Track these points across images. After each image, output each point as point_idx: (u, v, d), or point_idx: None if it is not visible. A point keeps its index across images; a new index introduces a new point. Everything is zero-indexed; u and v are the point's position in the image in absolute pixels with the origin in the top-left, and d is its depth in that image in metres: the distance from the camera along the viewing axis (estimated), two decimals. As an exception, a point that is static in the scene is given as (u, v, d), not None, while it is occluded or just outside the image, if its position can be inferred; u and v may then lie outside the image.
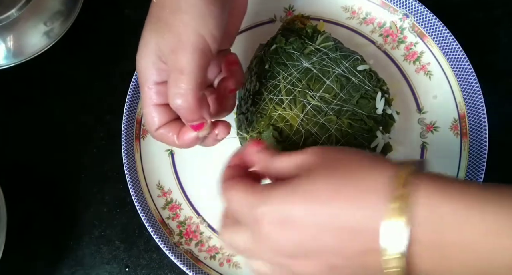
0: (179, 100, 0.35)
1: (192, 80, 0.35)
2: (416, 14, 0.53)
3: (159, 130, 0.40)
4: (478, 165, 0.49)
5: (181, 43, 0.35)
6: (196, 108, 0.36)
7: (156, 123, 0.39)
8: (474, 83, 0.51)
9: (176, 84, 0.35)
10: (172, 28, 0.35)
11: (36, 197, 0.54)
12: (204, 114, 0.37)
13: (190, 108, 0.36)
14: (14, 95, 0.57)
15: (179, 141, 0.40)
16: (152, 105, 0.39)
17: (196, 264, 0.50)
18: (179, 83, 0.35)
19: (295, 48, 0.48)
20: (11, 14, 0.53)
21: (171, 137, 0.40)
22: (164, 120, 0.39)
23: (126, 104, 0.52)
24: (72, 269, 0.52)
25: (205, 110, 0.37)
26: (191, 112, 0.36)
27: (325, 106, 0.45)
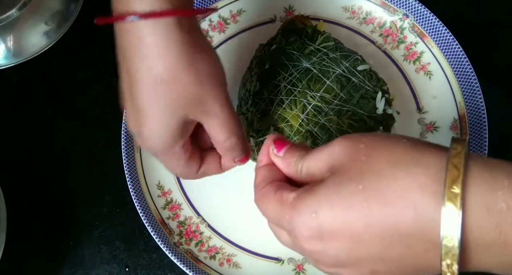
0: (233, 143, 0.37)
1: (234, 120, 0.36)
2: (416, 14, 0.53)
3: (199, 172, 0.40)
4: None
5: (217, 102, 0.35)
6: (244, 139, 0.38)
7: (196, 170, 0.40)
8: (474, 83, 0.51)
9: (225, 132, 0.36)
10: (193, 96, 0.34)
11: (36, 197, 0.54)
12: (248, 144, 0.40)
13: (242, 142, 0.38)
14: (14, 95, 0.57)
15: (224, 169, 0.41)
16: (184, 163, 0.38)
17: (196, 264, 0.50)
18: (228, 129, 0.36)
19: (295, 48, 0.48)
20: (11, 14, 0.53)
21: (214, 169, 0.41)
22: (199, 163, 0.40)
23: (126, 104, 0.52)
24: (72, 269, 0.52)
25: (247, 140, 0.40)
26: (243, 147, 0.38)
27: (325, 106, 0.45)
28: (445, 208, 0.24)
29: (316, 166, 0.29)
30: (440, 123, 0.53)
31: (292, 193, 0.29)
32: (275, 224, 0.31)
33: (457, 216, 0.23)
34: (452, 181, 0.24)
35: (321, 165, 0.29)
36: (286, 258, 0.50)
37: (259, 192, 0.31)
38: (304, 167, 0.30)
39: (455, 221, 0.24)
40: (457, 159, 0.25)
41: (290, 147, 0.32)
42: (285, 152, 0.32)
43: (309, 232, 0.27)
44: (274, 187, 0.30)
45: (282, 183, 0.31)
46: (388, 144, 0.27)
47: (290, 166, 0.31)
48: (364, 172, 0.26)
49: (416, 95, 0.54)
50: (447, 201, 0.24)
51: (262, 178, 0.32)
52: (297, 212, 0.27)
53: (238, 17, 0.56)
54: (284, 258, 0.50)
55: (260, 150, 0.34)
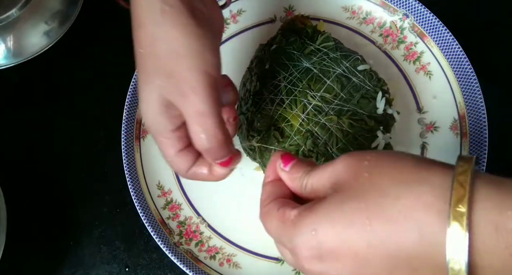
0: (208, 142, 0.34)
1: (214, 118, 0.34)
2: (416, 14, 0.53)
3: (190, 171, 0.39)
4: (478, 165, 0.49)
5: (190, 85, 0.33)
6: (225, 143, 0.35)
7: (186, 166, 0.38)
8: (474, 83, 0.51)
9: (200, 127, 0.34)
10: (174, 74, 0.33)
11: (36, 197, 0.54)
12: (231, 148, 0.37)
13: (221, 146, 0.35)
14: (14, 95, 0.57)
15: (214, 176, 0.39)
16: (175, 152, 0.37)
17: (196, 264, 0.50)
18: (203, 125, 0.34)
19: (295, 48, 0.48)
20: (11, 14, 0.53)
21: (204, 174, 0.39)
22: (191, 161, 0.38)
23: (126, 104, 0.52)
24: (72, 269, 0.52)
25: (231, 143, 0.37)
26: (222, 149, 0.35)
27: (325, 106, 0.45)
28: (450, 228, 0.23)
29: (319, 183, 0.29)
30: (440, 123, 0.53)
31: (294, 210, 0.28)
32: (278, 242, 0.30)
33: (464, 237, 0.22)
34: (458, 200, 0.23)
35: (324, 181, 0.29)
36: (286, 258, 0.50)
37: (264, 208, 0.31)
38: (309, 183, 0.30)
39: (462, 243, 0.22)
40: (463, 177, 0.24)
41: (296, 163, 0.32)
42: (291, 166, 0.32)
43: (309, 251, 0.26)
44: (277, 205, 0.30)
45: (286, 200, 0.31)
46: (392, 161, 0.27)
47: (295, 181, 0.31)
48: (366, 190, 0.25)
49: (416, 95, 0.54)
50: (453, 221, 0.23)
51: (268, 195, 0.32)
52: (298, 231, 0.27)
53: (238, 17, 0.56)
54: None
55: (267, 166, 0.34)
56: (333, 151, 0.44)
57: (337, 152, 0.44)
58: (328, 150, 0.44)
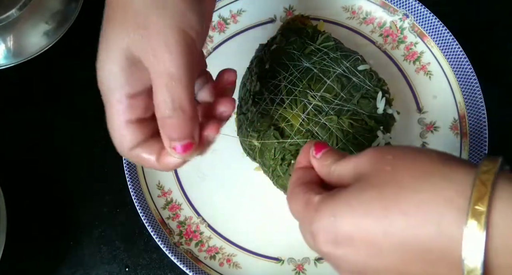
0: (172, 111, 0.30)
1: (185, 86, 0.30)
2: (416, 14, 0.53)
3: (134, 150, 0.33)
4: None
5: (164, 43, 0.29)
6: (190, 120, 0.30)
7: (130, 143, 0.33)
8: (474, 83, 0.51)
9: (168, 92, 0.29)
10: (150, 29, 0.29)
11: (36, 197, 0.54)
12: (195, 132, 0.31)
13: (185, 121, 0.30)
14: (14, 95, 0.57)
15: (161, 164, 0.33)
16: (124, 121, 0.32)
17: (196, 264, 0.50)
18: (171, 90, 0.29)
19: (295, 48, 0.48)
20: (11, 14, 0.53)
21: (150, 159, 0.33)
22: (140, 139, 0.33)
23: (126, 104, 0.52)
24: (72, 269, 0.52)
25: (197, 127, 0.32)
26: (184, 126, 0.30)
27: (326, 106, 0.45)
28: (467, 226, 0.23)
29: (345, 171, 0.29)
30: (440, 123, 0.53)
31: (318, 196, 0.29)
32: (301, 224, 0.31)
33: (481, 236, 0.22)
34: (478, 198, 0.23)
35: (349, 171, 0.29)
36: (286, 258, 0.50)
37: (292, 190, 0.31)
38: (336, 170, 0.30)
39: (479, 241, 0.22)
40: (486, 175, 0.23)
41: (327, 151, 0.32)
42: (322, 154, 0.32)
43: (327, 236, 0.27)
44: (304, 188, 0.30)
45: (313, 186, 0.31)
46: (415, 156, 0.27)
47: (324, 168, 0.31)
48: (387, 182, 0.26)
49: (416, 95, 0.54)
50: (471, 219, 0.23)
51: (297, 177, 0.32)
52: (318, 215, 0.27)
53: (238, 17, 0.56)
54: (284, 258, 0.50)
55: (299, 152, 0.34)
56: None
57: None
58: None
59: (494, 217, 0.23)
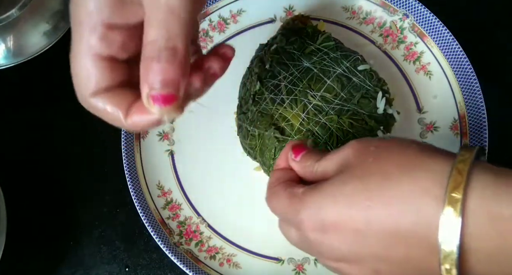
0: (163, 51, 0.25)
1: (185, 24, 0.25)
2: (416, 14, 0.53)
3: (97, 97, 0.28)
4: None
5: None
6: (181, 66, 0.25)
7: (96, 85, 0.27)
8: (474, 83, 0.51)
9: (163, 28, 0.25)
10: None
11: (36, 197, 0.54)
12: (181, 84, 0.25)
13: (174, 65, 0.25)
14: (14, 95, 0.57)
15: (128, 122, 0.28)
16: (91, 55, 0.27)
17: (196, 264, 0.50)
18: (167, 26, 0.25)
19: (295, 48, 0.48)
20: (11, 14, 0.53)
21: (115, 114, 0.28)
22: (107, 82, 0.27)
23: (126, 104, 0.52)
24: (72, 269, 0.52)
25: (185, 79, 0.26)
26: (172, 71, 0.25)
27: (326, 106, 0.45)
28: (444, 212, 0.24)
29: (330, 166, 0.30)
30: (440, 123, 0.53)
31: (302, 188, 0.29)
32: (284, 219, 0.31)
33: (456, 222, 0.23)
34: (454, 186, 0.24)
35: (333, 165, 0.29)
36: (286, 258, 0.50)
37: (271, 189, 0.32)
38: (320, 167, 0.31)
39: (454, 227, 0.23)
40: (462, 165, 0.25)
41: (307, 153, 0.32)
42: (301, 157, 0.32)
43: (314, 224, 0.27)
44: (285, 185, 0.31)
45: (293, 183, 0.31)
46: (397, 148, 0.27)
47: (306, 169, 0.32)
48: (370, 173, 0.26)
49: (416, 95, 0.54)
50: (447, 206, 0.24)
51: (276, 178, 0.32)
52: (304, 206, 0.28)
53: (238, 17, 0.56)
54: (284, 258, 0.50)
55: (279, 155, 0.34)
56: (333, 151, 0.44)
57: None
58: (328, 149, 0.44)
59: (469, 205, 0.23)
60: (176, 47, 0.25)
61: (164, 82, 0.25)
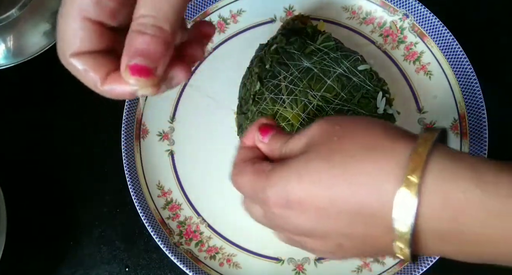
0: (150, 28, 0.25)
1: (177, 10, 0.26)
2: (416, 14, 0.53)
3: (78, 58, 0.28)
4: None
5: None
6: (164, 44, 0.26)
7: (80, 45, 0.27)
8: (474, 83, 0.51)
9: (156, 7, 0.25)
10: None
11: (36, 197, 0.54)
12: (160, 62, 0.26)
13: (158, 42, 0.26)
14: (14, 95, 0.57)
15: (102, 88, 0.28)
16: (82, 17, 0.27)
17: (196, 264, 0.50)
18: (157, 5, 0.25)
19: (295, 47, 0.48)
20: (11, 14, 0.53)
21: (91, 77, 0.28)
22: (92, 45, 0.28)
23: (126, 104, 0.52)
24: (72, 269, 0.52)
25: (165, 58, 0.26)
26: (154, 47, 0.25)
27: (326, 106, 0.45)
28: (399, 193, 0.24)
29: (298, 145, 0.30)
30: (440, 123, 0.53)
31: (270, 165, 0.30)
32: (250, 196, 0.31)
33: (411, 203, 0.24)
34: (413, 169, 0.24)
35: (300, 144, 0.30)
36: (286, 258, 0.50)
37: (237, 168, 0.32)
38: (288, 149, 0.31)
39: (409, 208, 0.24)
40: (423, 148, 0.25)
41: (275, 134, 0.32)
42: (270, 139, 0.32)
43: (279, 200, 0.28)
44: (251, 163, 0.31)
45: (260, 160, 0.32)
46: (362, 128, 0.28)
47: (275, 152, 0.32)
48: (334, 152, 0.27)
49: (416, 95, 0.54)
50: (403, 187, 0.24)
51: (242, 157, 0.33)
52: (270, 183, 0.28)
53: (238, 17, 0.56)
54: (284, 258, 0.50)
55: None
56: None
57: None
58: None
59: (425, 187, 0.24)
60: (163, 28, 0.25)
61: (144, 54, 0.25)
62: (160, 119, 0.54)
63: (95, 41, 0.28)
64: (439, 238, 0.25)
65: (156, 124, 0.54)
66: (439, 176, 0.24)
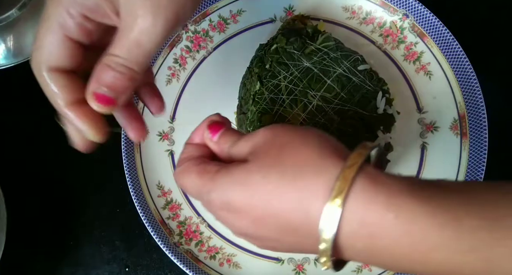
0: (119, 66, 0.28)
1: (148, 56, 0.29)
2: (416, 14, 0.53)
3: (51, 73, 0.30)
4: (478, 165, 0.49)
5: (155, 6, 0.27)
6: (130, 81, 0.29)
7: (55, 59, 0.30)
8: (474, 83, 0.51)
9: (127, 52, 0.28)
10: None
11: (36, 197, 0.54)
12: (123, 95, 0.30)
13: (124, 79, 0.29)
14: (14, 95, 0.57)
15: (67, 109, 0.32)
16: (62, 34, 0.29)
17: (196, 264, 0.50)
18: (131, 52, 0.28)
19: (295, 48, 0.48)
20: (11, 14, 0.53)
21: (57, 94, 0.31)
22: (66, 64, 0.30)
23: (126, 104, 0.52)
24: (72, 269, 0.52)
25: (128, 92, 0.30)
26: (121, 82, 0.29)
27: (326, 106, 0.45)
28: (325, 211, 0.27)
29: (243, 150, 0.31)
30: (440, 123, 0.53)
31: (214, 167, 0.31)
32: (193, 196, 0.32)
33: (335, 220, 0.26)
34: (338, 191, 0.26)
35: (247, 148, 0.31)
36: (286, 258, 0.50)
37: (182, 165, 0.32)
38: (236, 152, 0.32)
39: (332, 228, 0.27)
40: (349, 170, 0.27)
41: (224, 132, 0.33)
42: (219, 137, 0.33)
43: (221, 205, 0.30)
44: (197, 161, 0.32)
45: (205, 159, 0.33)
46: (300, 144, 0.29)
47: (223, 150, 0.33)
48: (271, 168, 0.28)
49: (416, 95, 0.54)
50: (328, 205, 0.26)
51: (188, 154, 0.33)
52: (214, 188, 0.30)
53: (238, 17, 0.56)
54: (284, 258, 0.50)
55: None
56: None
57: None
58: None
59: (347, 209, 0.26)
60: (132, 69, 0.29)
61: (110, 87, 0.29)
62: (160, 119, 0.54)
63: (71, 59, 0.30)
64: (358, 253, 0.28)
65: (156, 124, 0.54)
66: (359, 199, 0.26)
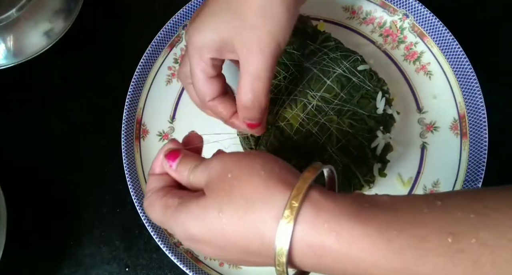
0: (252, 103, 0.39)
1: (266, 86, 0.38)
2: (416, 14, 0.53)
3: (213, 101, 0.42)
4: (478, 165, 0.49)
5: (261, 47, 0.36)
6: (263, 111, 0.40)
7: (211, 94, 0.41)
8: (474, 83, 0.51)
9: (251, 91, 0.38)
10: (252, 28, 0.36)
11: (36, 197, 0.54)
12: (263, 118, 0.41)
13: (259, 112, 0.40)
14: (14, 95, 0.57)
15: (230, 122, 0.43)
16: (207, 77, 0.40)
17: (196, 264, 0.50)
18: (255, 87, 0.38)
19: (295, 48, 0.48)
20: (11, 14, 0.53)
21: (223, 112, 0.42)
22: (217, 93, 0.41)
23: (126, 104, 0.52)
24: (72, 269, 0.52)
25: (265, 115, 0.41)
26: (258, 114, 0.40)
27: (325, 106, 0.45)
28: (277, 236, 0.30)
29: (200, 181, 0.34)
30: (440, 123, 0.53)
31: (175, 200, 0.34)
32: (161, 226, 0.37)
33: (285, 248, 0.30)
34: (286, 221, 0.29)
35: (203, 181, 0.34)
36: (286, 258, 0.50)
37: (148, 200, 0.36)
38: (194, 180, 0.35)
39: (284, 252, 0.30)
40: (295, 200, 0.30)
41: (182, 160, 0.36)
42: (177, 164, 0.36)
43: (185, 237, 0.33)
44: (160, 194, 0.35)
45: (169, 189, 0.36)
46: (248, 176, 0.32)
47: (183, 178, 0.36)
48: (223, 203, 0.31)
49: (416, 95, 0.54)
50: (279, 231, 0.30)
51: (152, 186, 0.36)
52: (175, 223, 0.33)
53: (238, 17, 0.56)
54: (284, 258, 0.50)
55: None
56: (333, 151, 0.44)
57: (337, 152, 0.44)
58: (328, 149, 0.44)
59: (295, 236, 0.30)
60: (260, 102, 0.39)
61: (251, 119, 0.41)
62: (160, 119, 0.54)
63: (218, 88, 0.41)
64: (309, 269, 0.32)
65: (156, 124, 0.54)
66: (306, 224, 0.29)
